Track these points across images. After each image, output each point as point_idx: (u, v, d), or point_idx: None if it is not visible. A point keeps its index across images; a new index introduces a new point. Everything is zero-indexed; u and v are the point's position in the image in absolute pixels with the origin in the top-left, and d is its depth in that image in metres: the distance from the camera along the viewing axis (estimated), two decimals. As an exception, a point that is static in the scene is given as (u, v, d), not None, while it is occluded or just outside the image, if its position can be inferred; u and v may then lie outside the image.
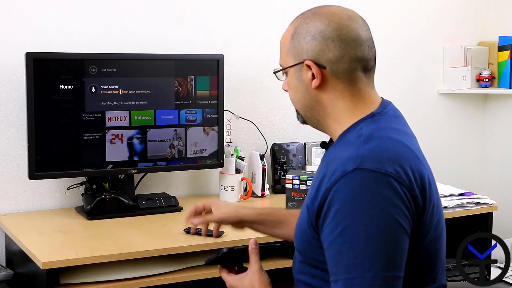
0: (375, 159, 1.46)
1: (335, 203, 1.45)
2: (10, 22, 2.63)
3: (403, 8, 3.42)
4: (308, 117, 1.64)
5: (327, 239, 1.46)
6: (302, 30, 1.59)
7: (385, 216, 1.42)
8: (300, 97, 1.62)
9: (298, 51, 1.59)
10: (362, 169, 1.44)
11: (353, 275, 1.41)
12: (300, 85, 1.61)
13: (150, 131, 2.68)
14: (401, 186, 1.45)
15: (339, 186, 1.45)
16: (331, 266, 1.46)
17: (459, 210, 2.83)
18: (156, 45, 2.84)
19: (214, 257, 1.73)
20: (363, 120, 1.57)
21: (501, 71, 3.52)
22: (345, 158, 1.48)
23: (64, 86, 2.53)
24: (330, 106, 1.59)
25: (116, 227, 2.46)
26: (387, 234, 1.42)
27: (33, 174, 2.52)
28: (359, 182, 1.44)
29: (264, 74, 3.05)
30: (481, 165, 3.72)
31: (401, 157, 1.49)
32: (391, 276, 1.42)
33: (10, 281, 2.42)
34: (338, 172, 1.46)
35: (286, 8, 3.07)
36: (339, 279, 1.43)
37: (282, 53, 1.65)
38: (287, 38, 1.63)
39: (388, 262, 1.42)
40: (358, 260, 1.41)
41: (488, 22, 3.63)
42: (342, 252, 1.43)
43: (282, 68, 1.65)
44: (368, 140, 1.50)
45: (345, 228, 1.42)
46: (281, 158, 3.05)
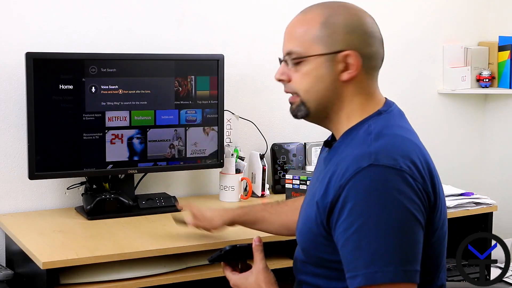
0: (388, 155, 1.47)
1: (350, 200, 1.45)
2: (10, 22, 2.63)
3: (403, 8, 3.42)
4: (318, 110, 1.60)
5: (343, 235, 1.45)
6: (338, 20, 1.56)
7: (403, 210, 1.43)
8: (322, 87, 1.58)
9: (333, 40, 1.56)
10: (377, 165, 1.45)
11: (374, 269, 1.41)
12: (327, 75, 1.57)
13: (150, 131, 2.68)
14: (415, 181, 1.46)
15: (354, 182, 1.45)
16: (348, 263, 1.45)
17: (459, 210, 2.83)
18: (156, 45, 2.84)
19: (216, 255, 1.71)
20: (371, 117, 1.58)
21: (501, 71, 3.52)
22: (357, 155, 1.48)
23: (64, 86, 2.53)
24: (348, 101, 1.59)
25: (116, 227, 2.46)
26: (405, 228, 1.43)
27: (33, 174, 2.52)
28: (375, 178, 1.44)
29: (264, 74, 3.05)
30: (481, 165, 3.72)
31: (412, 154, 1.50)
32: (411, 270, 1.43)
33: (10, 281, 2.42)
34: (352, 169, 1.46)
35: (286, 8, 3.07)
36: (359, 274, 1.42)
37: (303, 40, 1.58)
38: (313, 26, 1.57)
39: (408, 256, 1.43)
40: (378, 254, 1.41)
41: (488, 22, 3.64)
42: (360, 247, 1.42)
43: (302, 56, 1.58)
44: (379, 137, 1.51)
45: (363, 223, 1.42)
46: (281, 158, 3.05)
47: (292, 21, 1.63)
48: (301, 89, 1.60)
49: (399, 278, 1.41)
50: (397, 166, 1.45)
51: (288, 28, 1.63)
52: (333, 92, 1.58)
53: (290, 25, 1.63)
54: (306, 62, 1.58)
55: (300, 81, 1.60)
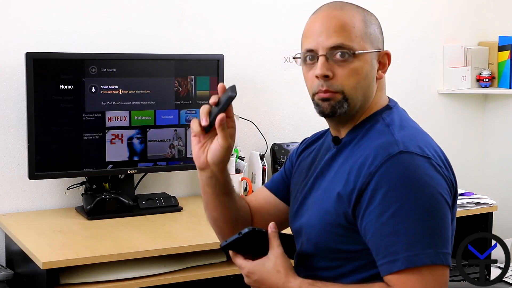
0: (415, 144, 1.51)
1: (382, 186, 1.46)
2: (10, 22, 2.63)
3: (403, 8, 3.42)
4: (356, 107, 1.58)
5: (376, 221, 1.46)
6: (371, 20, 1.61)
7: (436, 194, 1.46)
8: (366, 84, 1.58)
9: (375, 39, 1.60)
10: (408, 152, 1.48)
11: (415, 252, 1.42)
12: (371, 72, 1.59)
13: (150, 131, 2.68)
14: (441, 169, 1.51)
15: (385, 169, 1.47)
16: (384, 248, 1.45)
17: (459, 210, 2.82)
18: (156, 45, 2.83)
19: (233, 238, 1.57)
20: (382, 111, 1.61)
21: (501, 71, 3.52)
22: (384, 143, 1.51)
23: (64, 86, 2.53)
24: (375, 97, 1.62)
25: (116, 227, 2.46)
26: (440, 211, 1.46)
27: (33, 174, 2.52)
28: (407, 164, 1.47)
29: (264, 74, 3.05)
30: (481, 165, 3.72)
31: (433, 145, 1.57)
32: (446, 253, 1.46)
33: (10, 281, 2.42)
34: (382, 156, 1.48)
35: (286, 8, 3.07)
36: (399, 258, 1.43)
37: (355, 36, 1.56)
38: (359, 22, 1.57)
39: (443, 239, 1.46)
40: (418, 237, 1.43)
41: (488, 22, 3.63)
42: (398, 231, 1.44)
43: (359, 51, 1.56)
44: (401, 128, 1.56)
45: (399, 208, 1.44)
46: (281, 158, 3.05)
47: (330, 15, 1.57)
48: (348, 85, 1.56)
49: (438, 261, 1.43)
50: (425, 154, 1.50)
51: (331, 22, 1.56)
52: (372, 89, 1.61)
53: (330, 19, 1.57)
54: (355, 59, 1.55)
55: (347, 77, 1.56)
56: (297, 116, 3.12)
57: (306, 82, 1.61)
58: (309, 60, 1.58)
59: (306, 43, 1.59)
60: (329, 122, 1.65)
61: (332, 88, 1.55)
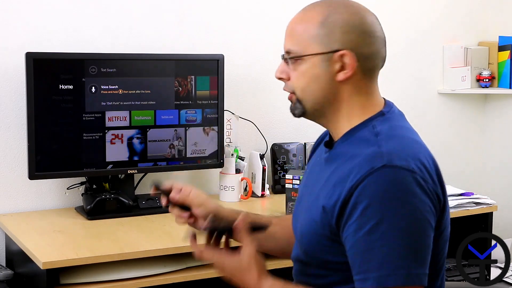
0: (400, 156, 1.45)
1: (363, 200, 1.43)
2: (10, 22, 2.63)
3: (403, 8, 3.42)
4: (315, 109, 1.58)
5: (353, 236, 1.43)
6: (337, 19, 1.54)
7: (416, 213, 1.42)
8: (318, 88, 1.56)
9: (330, 40, 1.53)
10: (391, 166, 1.43)
11: (386, 272, 1.40)
12: (323, 75, 1.55)
13: (150, 131, 2.68)
14: (426, 183, 1.45)
15: (367, 183, 1.43)
16: (358, 264, 1.43)
17: (459, 210, 2.83)
18: (156, 45, 2.84)
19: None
20: (374, 118, 1.56)
21: (501, 71, 3.52)
22: (369, 155, 1.46)
23: (64, 86, 2.53)
24: (346, 101, 1.56)
25: (116, 227, 2.46)
26: (418, 231, 1.42)
27: (33, 174, 2.52)
28: (389, 179, 1.42)
29: (264, 74, 3.05)
30: (481, 165, 3.72)
31: (421, 155, 1.50)
32: (422, 274, 1.42)
33: (10, 281, 2.42)
34: (365, 169, 1.44)
35: (285, 8, 3.07)
36: (370, 277, 1.41)
37: (301, 39, 1.56)
38: (312, 24, 1.55)
39: (420, 259, 1.42)
40: (391, 257, 1.40)
41: (488, 22, 3.63)
42: (373, 249, 1.41)
43: (299, 55, 1.56)
44: (389, 138, 1.50)
45: (376, 225, 1.41)
46: (281, 158, 3.05)
47: (293, 19, 1.61)
48: (298, 87, 1.58)
49: (410, 282, 1.40)
50: (409, 168, 1.44)
51: (288, 26, 1.61)
52: (329, 92, 1.56)
53: (290, 23, 1.61)
54: (302, 61, 1.56)
55: (297, 80, 1.58)
56: (297, 116, 3.12)
57: None
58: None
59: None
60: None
61: (287, 88, 1.61)
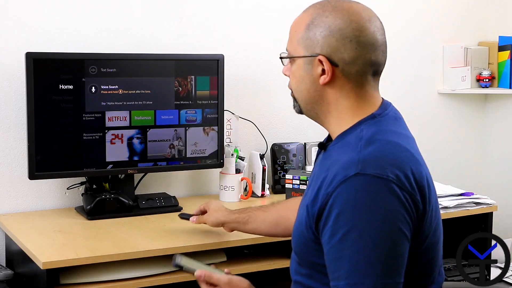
0: (376, 164, 1.44)
1: (335, 208, 1.43)
2: (10, 22, 2.63)
3: (403, 8, 3.42)
4: (308, 109, 1.63)
5: (327, 243, 1.45)
6: (320, 23, 1.54)
7: (386, 222, 1.41)
8: (304, 89, 1.59)
9: (312, 43, 1.55)
10: (363, 174, 1.43)
11: (354, 280, 1.40)
12: (307, 77, 1.58)
13: (150, 131, 2.68)
14: (402, 191, 1.44)
15: (340, 191, 1.43)
16: (331, 271, 1.45)
17: (459, 210, 2.83)
18: (156, 45, 2.84)
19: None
20: (364, 121, 1.55)
21: (501, 71, 3.52)
22: (346, 162, 1.46)
23: (64, 86, 2.53)
24: (334, 104, 1.58)
25: (116, 227, 2.46)
26: (388, 240, 1.41)
27: (33, 174, 2.52)
28: (360, 188, 1.42)
29: (264, 74, 3.05)
30: (481, 165, 3.72)
31: (402, 162, 1.47)
32: (391, 283, 1.42)
33: (10, 281, 2.42)
34: (339, 177, 1.45)
35: (286, 8, 3.07)
36: (340, 285, 1.42)
37: (293, 40, 1.59)
38: (300, 27, 1.57)
39: (389, 269, 1.41)
40: (359, 266, 1.40)
41: (488, 22, 3.63)
42: (342, 257, 1.42)
43: (290, 55, 1.61)
44: (369, 144, 1.49)
45: (346, 233, 1.41)
46: (281, 158, 3.05)
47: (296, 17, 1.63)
48: (292, 87, 1.64)
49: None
50: (383, 176, 1.43)
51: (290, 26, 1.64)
52: (315, 94, 1.58)
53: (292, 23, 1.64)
54: (293, 62, 1.61)
55: (291, 79, 1.64)
56: (297, 116, 3.07)
57: None
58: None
59: None
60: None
61: (288, 86, 1.66)
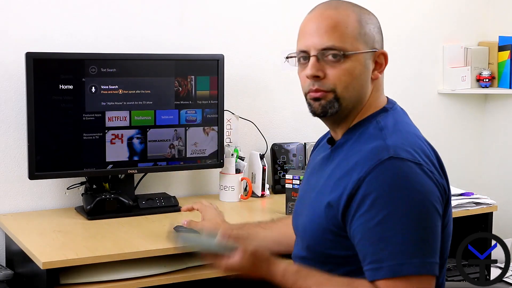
0: (406, 150, 1.48)
1: (372, 192, 1.44)
2: (10, 22, 2.63)
3: (403, 8, 3.42)
4: (349, 107, 1.59)
5: (363, 227, 1.45)
6: (368, 20, 1.59)
7: (425, 202, 1.44)
8: (359, 85, 1.58)
9: (370, 39, 1.58)
10: (397, 158, 1.46)
11: (400, 261, 1.41)
12: (366, 72, 1.58)
13: (150, 131, 2.68)
14: (433, 174, 1.49)
15: (375, 174, 1.45)
16: (370, 254, 1.45)
17: (459, 210, 2.83)
18: (156, 45, 2.84)
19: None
20: (377, 114, 1.59)
21: (501, 71, 3.52)
22: (374, 148, 1.49)
23: (64, 86, 2.53)
24: (370, 97, 1.61)
25: (116, 227, 2.46)
26: (428, 220, 1.44)
27: (33, 174, 2.52)
28: (397, 171, 1.45)
29: (264, 74, 3.05)
30: (481, 165, 3.72)
31: (425, 150, 1.53)
32: (433, 262, 1.44)
33: (10, 281, 2.42)
34: (372, 162, 1.46)
35: (286, 8, 3.07)
36: (384, 266, 1.42)
37: (348, 36, 1.56)
38: (352, 23, 1.56)
39: (430, 248, 1.44)
40: (404, 246, 1.41)
41: (488, 22, 3.63)
42: (385, 239, 1.42)
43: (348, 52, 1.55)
44: (393, 132, 1.53)
45: (387, 215, 1.42)
46: (281, 158, 3.05)
47: (323, 15, 1.58)
48: (340, 85, 1.57)
49: (424, 270, 1.42)
50: (416, 160, 1.47)
51: (323, 23, 1.57)
52: (367, 90, 1.60)
53: (323, 20, 1.57)
54: (347, 59, 1.56)
55: (339, 77, 1.56)
56: (297, 116, 3.12)
57: (300, 82, 1.64)
58: (302, 60, 1.61)
59: (300, 44, 1.61)
60: (325, 122, 1.66)
61: (324, 87, 1.57)
